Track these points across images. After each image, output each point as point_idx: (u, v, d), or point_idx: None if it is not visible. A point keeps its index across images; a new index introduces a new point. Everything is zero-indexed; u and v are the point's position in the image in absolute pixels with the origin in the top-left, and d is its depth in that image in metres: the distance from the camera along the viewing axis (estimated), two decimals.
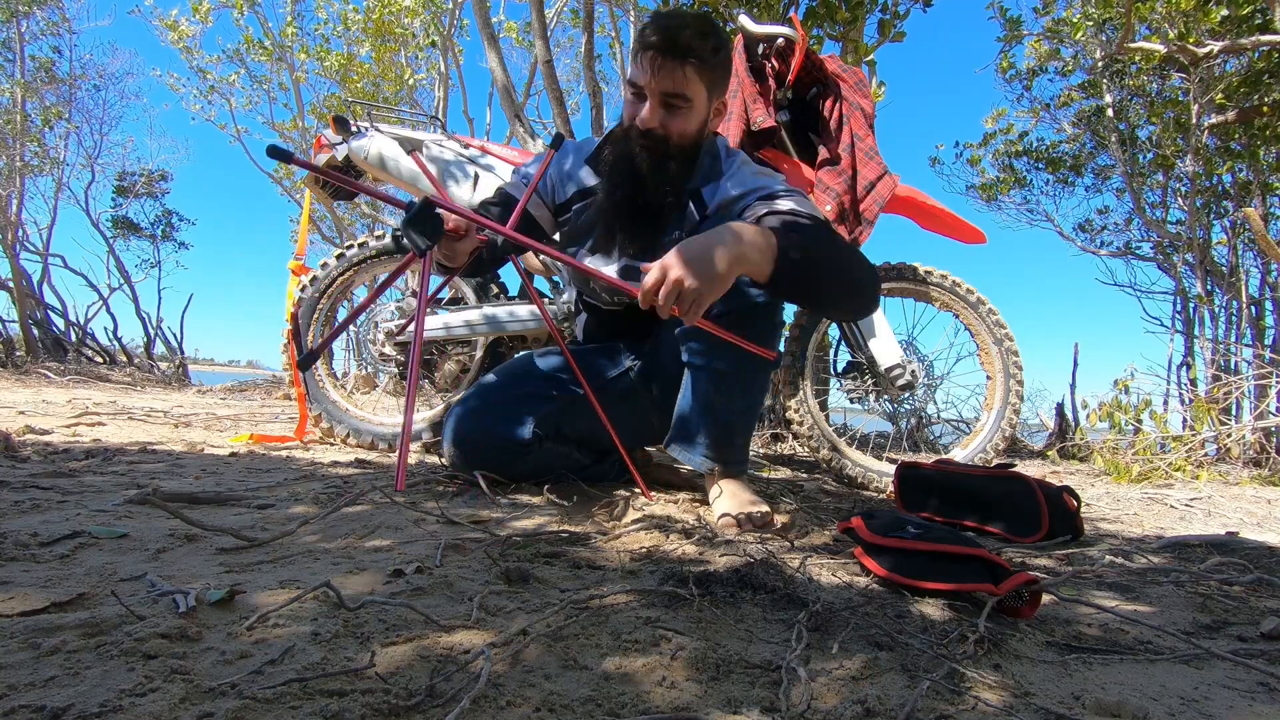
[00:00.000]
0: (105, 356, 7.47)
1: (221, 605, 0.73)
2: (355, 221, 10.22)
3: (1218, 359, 5.27)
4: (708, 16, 1.43)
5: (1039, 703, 0.64)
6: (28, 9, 7.50)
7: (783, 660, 0.68)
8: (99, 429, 2.35)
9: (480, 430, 1.57)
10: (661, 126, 1.41)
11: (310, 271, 2.22)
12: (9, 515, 1.07)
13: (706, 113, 1.46)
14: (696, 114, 1.43)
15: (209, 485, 1.44)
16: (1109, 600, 1.01)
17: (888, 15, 3.65)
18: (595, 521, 1.30)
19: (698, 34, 1.35)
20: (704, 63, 1.37)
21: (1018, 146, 7.12)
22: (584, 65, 4.55)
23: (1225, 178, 5.67)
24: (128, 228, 9.99)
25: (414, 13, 7.65)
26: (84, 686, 0.55)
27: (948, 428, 2.89)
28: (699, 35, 1.35)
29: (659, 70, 1.36)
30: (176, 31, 8.23)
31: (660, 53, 1.35)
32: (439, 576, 0.88)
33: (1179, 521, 1.96)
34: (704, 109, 1.44)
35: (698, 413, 1.45)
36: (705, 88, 1.41)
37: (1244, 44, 4.03)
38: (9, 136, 7.63)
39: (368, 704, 0.55)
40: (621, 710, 0.57)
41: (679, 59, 1.35)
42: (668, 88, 1.38)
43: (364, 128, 2.15)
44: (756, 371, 1.43)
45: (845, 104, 2.03)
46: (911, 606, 0.89)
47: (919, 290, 2.32)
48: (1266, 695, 0.71)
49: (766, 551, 1.09)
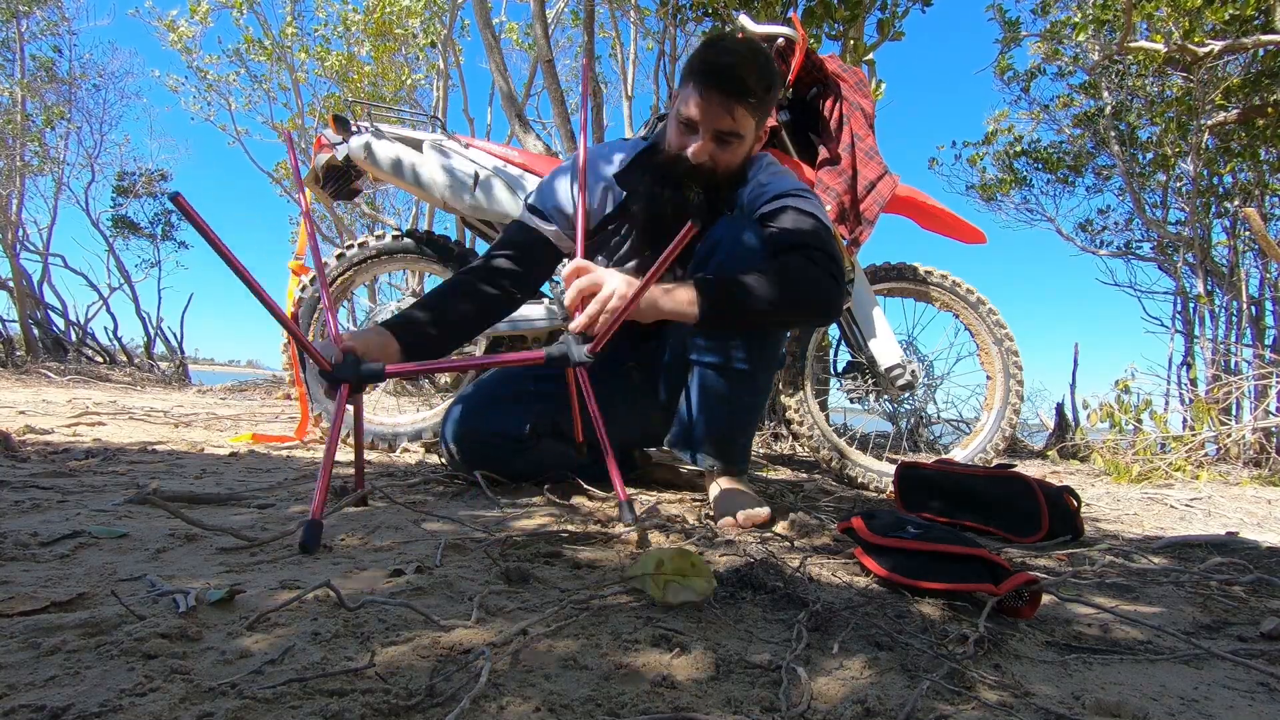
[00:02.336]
0: (105, 356, 7.48)
1: (221, 605, 0.73)
2: (355, 222, 10.22)
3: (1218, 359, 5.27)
4: (761, 50, 1.44)
5: (1039, 703, 0.64)
6: (28, 8, 7.50)
7: (783, 660, 0.68)
8: (99, 429, 2.35)
9: (478, 427, 1.57)
10: (711, 159, 1.42)
11: (310, 271, 2.22)
12: (9, 515, 1.07)
13: (754, 142, 1.47)
14: (745, 146, 1.45)
15: (209, 485, 1.44)
16: (1109, 600, 1.01)
17: (886, 14, 3.65)
18: (595, 521, 1.30)
19: (755, 73, 1.36)
20: (760, 100, 1.39)
21: (1018, 147, 7.11)
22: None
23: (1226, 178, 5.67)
24: (128, 227, 9.98)
25: (414, 13, 7.65)
26: (84, 686, 0.55)
27: (948, 428, 2.89)
28: (756, 75, 1.36)
29: (715, 108, 1.36)
30: (176, 33, 8.22)
31: (718, 91, 1.35)
32: (439, 576, 0.87)
33: (1179, 522, 1.96)
34: (752, 140, 1.46)
35: (700, 412, 1.46)
36: (755, 122, 1.42)
37: (1245, 44, 4.03)
38: (9, 136, 7.63)
39: (368, 704, 0.55)
40: (621, 710, 0.57)
41: (737, 99, 1.36)
42: (725, 127, 1.38)
43: (364, 127, 2.15)
44: (760, 371, 1.43)
45: (845, 104, 2.03)
46: (911, 606, 0.89)
47: (919, 290, 2.32)
48: (1266, 695, 0.71)
49: (766, 551, 1.09)
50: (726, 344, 1.41)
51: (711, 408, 1.45)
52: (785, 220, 1.36)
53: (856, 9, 3.48)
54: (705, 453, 1.47)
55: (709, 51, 1.40)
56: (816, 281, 1.31)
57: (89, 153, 9.25)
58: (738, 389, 1.43)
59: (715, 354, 1.41)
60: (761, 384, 1.46)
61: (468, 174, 2.14)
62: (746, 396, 1.45)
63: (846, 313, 2.22)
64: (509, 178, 2.17)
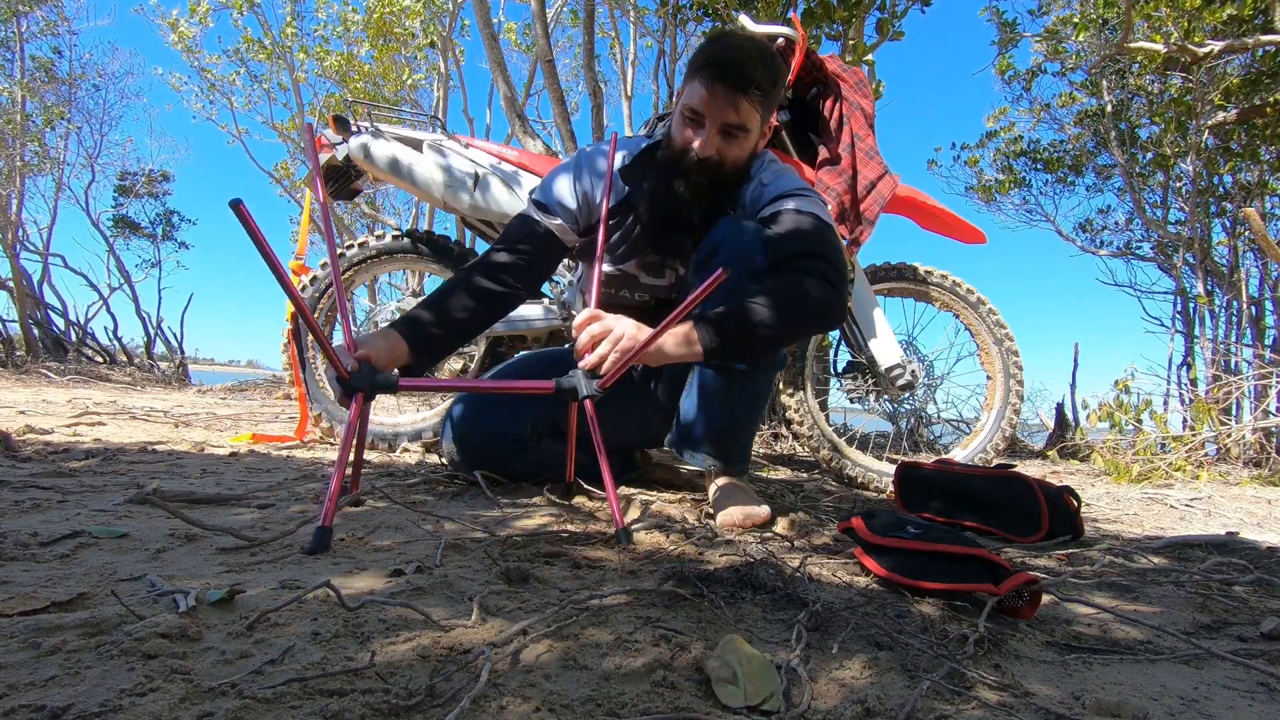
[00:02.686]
0: (105, 356, 7.47)
1: (221, 605, 0.73)
2: (355, 222, 10.22)
3: (1218, 359, 5.27)
4: (766, 45, 1.44)
5: (1039, 703, 0.64)
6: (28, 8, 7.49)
7: (783, 660, 0.68)
8: (99, 429, 2.35)
9: (479, 427, 1.57)
10: (718, 153, 1.41)
11: (310, 271, 2.22)
12: (9, 515, 1.07)
13: (759, 138, 1.47)
14: (751, 140, 1.45)
15: (209, 485, 1.44)
16: (1109, 600, 1.01)
17: (886, 14, 3.65)
18: (595, 521, 1.30)
19: (761, 67, 1.36)
20: (765, 95, 1.38)
21: (1018, 146, 7.11)
22: (584, 66, 4.55)
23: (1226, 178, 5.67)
24: (128, 227, 9.98)
25: (414, 13, 7.65)
26: (84, 686, 0.55)
27: (948, 428, 2.88)
28: (763, 69, 1.36)
29: (721, 101, 1.36)
30: (177, 32, 8.23)
31: (724, 84, 1.35)
32: (439, 576, 0.87)
33: (1179, 522, 1.96)
34: (758, 134, 1.46)
35: (700, 413, 1.46)
36: (761, 116, 1.42)
37: (1246, 43, 4.03)
38: (9, 136, 7.63)
39: (368, 704, 0.55)
40: (621, 710, 0.57)
41: (743, 92, 1.35)
42: (731, 120, 1.38)
43: (364, 127, 2.15)
44: (760, 372, 1.43)
45: (845, 104, 2.03)
46: (911, 607, 0.89)
47: (919, 290, 2.31)
48: (1267, 695, 0.71)
49: (766, 551, 1.09)
50: None
51: (711, 409, 1.44)
52: (786, 222, 1.36)
53: (856, 9, 3.48)
54: (705, 453, 1.47)
55: (715, 46, 1.39)
56: (818, 298, 1.31)
57: (89, 153, 9.26)
58: (738, 390, 1.43)
59: None
60: (761, 385, 1.46)
61: (467, 174, 2.14)
62: (746, 397, 1.45)
63: (847, 313, 2.22)
64: (508, 177, 2.17)
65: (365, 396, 1.13)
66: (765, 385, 1.48)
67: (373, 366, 1.15)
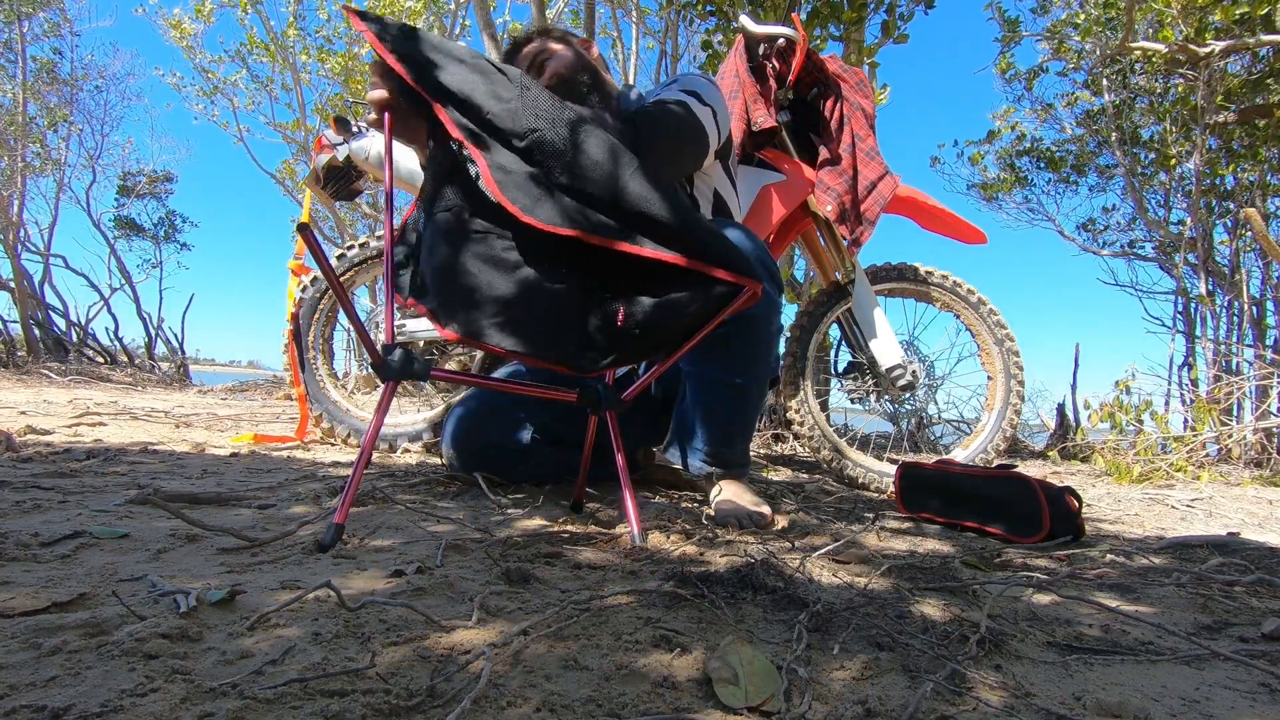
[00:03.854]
0: (106, 357, 7.48)
1: (222, 605, 0.73)
2: (356, 222, 10.22)
3: (1219, 359, 5.26)
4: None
5: (1040, 703, 0.64)
6: (30, 10, 7.50)
7: (783, 661, 0.68)
8: (100, 429, 2.36)
9: (479, 435, 1.57)
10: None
11: (311, 272, 2.22)
12: (10, 515, 1.07)
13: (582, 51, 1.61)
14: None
15: (210, 485, 1.44)
16: (1110, 600, 1.01)
17: (890, 16, 3.65)
18: (596, 521, 1.30)
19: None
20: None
21: (1022, 145, 7.10)
22: None
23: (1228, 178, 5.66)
24: (130, 228, 9.99)
25: (416, 13, 7.65)
26: (85, 687, 0.55)
27: (948, 428, 2.88)
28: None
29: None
30: (179, 30, 8.23)
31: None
32: (439, 576, 0.88)
33: (1180, 522, 1.95)
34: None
35: (696, 417, 1.46)
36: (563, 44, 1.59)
37: (1248, 43, 4.03)
38: (11, 138, 7.64)
39: (368, 704, 0.55)
40: (621, 710, 0.57)
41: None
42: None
43: (364, 128, 2.15)
44: (754, 382, 1.44)
45: (846, 104, 2.03)
46: (912, 607, 0.89)
47: (920, 290, 2.31)
48: (1268, 696, 0.70)
49: (766, 551, 1.09)
50: (720, 355, 1.40)
51: (706, 418, 1.45)
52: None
53: (861, 10, 3.48)
54: (703, 458, 1.47)
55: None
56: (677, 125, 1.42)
57: (90, 154, 9.27)
58: (733, 398, 1.43)
59: (709, 364, 1.41)
60: (756, 392, 1.46)
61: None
62: (740, 403, 1.45)
63: (847, 313, 2.22)
64: None
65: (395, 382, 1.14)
66: (760, 392, 1.49)
67: (409, 354, 1.16)
